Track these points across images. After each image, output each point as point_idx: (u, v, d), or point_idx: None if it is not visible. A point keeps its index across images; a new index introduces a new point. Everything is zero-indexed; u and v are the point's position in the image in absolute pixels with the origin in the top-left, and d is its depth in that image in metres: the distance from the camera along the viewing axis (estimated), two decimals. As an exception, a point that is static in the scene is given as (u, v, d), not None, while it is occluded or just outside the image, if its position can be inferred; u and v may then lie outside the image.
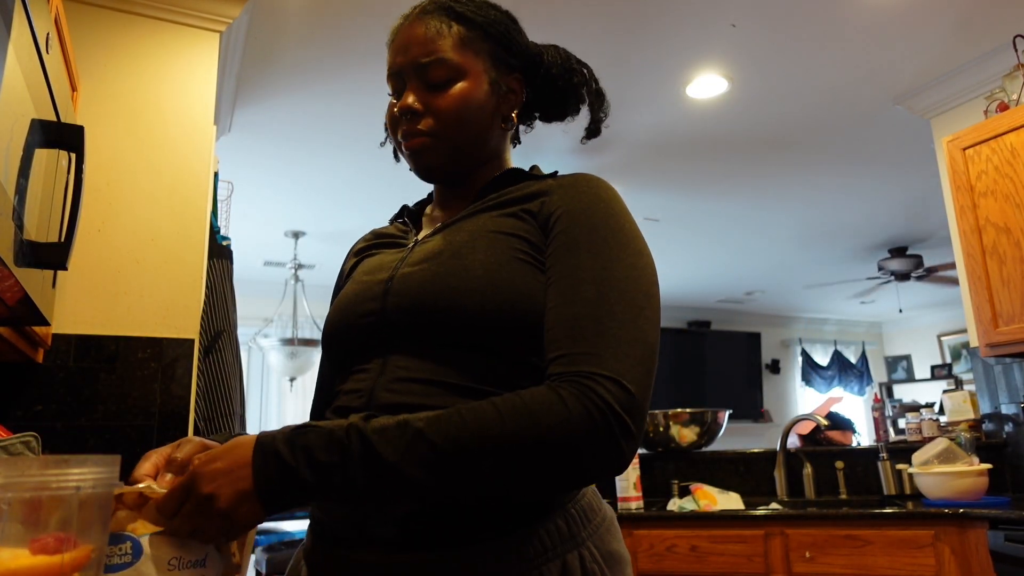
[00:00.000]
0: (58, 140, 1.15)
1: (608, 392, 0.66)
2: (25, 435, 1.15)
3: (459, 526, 0.70)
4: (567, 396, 0.65)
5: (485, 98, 0.88)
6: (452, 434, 0.64)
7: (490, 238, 0.80)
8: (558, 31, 2.73)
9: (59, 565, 0.52)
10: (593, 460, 0.65)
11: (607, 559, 0.75)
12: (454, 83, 0.85)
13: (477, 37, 0.88)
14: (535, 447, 0.64)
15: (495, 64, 0.89)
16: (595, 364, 0.67)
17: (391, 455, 0.63)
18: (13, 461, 0.52)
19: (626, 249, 0.76)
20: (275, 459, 0.64)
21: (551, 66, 0.94)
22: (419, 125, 0.86)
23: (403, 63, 0.87)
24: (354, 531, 0.73)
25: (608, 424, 0.65)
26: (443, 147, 0.86)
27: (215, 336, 2.12)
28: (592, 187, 0.82)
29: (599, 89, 0.98)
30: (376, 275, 0.85)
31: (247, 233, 4.86)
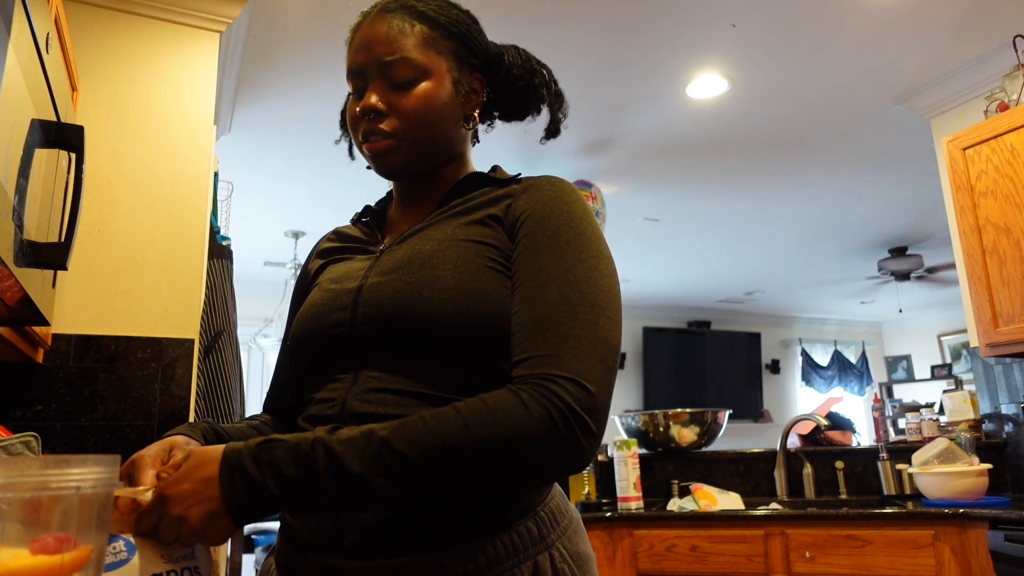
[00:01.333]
0: (58, 140, 1.15)
1: (567, 392, 0.67)
2: (25, 435, 1.15)
3: (431, 531, 0.71)
4: (527, 399, 0.66)
5: (449, 98, 0.87)
6: (417, 441, 0.65)
7: (459, 247, 0.80)
8: (558, 32, 2.74)
9: (59, 565, 0.52)
10: (555, 459, 0.66)
11: (576, 559, 0.77)
12: (418, 83, 0.85)
13: (440, 36, 0.87)
14: (498, 450, 0.65)
15: (458, 64, 0.89)
16: (555, 366, 0.68)
17: (356, 466, 0.64)
18: (13, 461, 0.52)
19: (587, 251, 0.78)
20: (241, 475, 0.65)
21: (512, 66, 0.95)
22: (382, 125, 0.85)
23: (365, 61, 0.86)
24: (325, 537, 0.74)
25: (568, 424, 0.66)
26: (406, 148, 0.86)
27: (215, 336, 2.12)
28: (555, 190, 0.83)
29: (558, 90, 0.99)
30: (344, 284, 0.85)
31: (247, 233, 4.86)
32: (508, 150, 3.77)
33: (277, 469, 0.65)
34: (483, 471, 0.65)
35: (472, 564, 0.70)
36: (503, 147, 3.73)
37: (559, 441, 0.66)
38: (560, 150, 3.83)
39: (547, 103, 0.97)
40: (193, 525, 0.64)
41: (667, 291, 7.31)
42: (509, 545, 0.72)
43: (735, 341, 8.37)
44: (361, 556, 0.71)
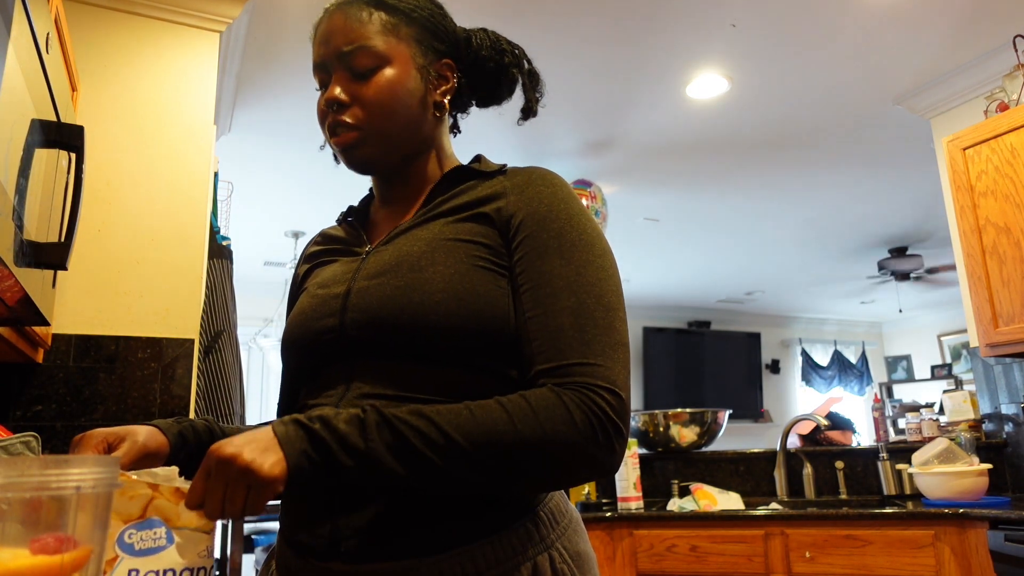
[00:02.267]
0: (58, 140, 1.15)
1: (606, 401, 0.70)
2: (25, 435, 1.15)
3: (430, 534, 0.71)
4: (571, 404, 0.69)
5: (414, 85, 0.85)
6: (463, 427, 0.67)
7: (448, 247, 0.79)
8: (559, 32, 2.74)
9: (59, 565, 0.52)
10: (593, 463, 0.69)
11: (575, 559, 0.77)
12: (379, 71, 0.83)
13: (401, 23, 0.86)
14: (541, 449, 0.67)
15: (422, 50, 0.87)
16: (590, 374, 0.71)
17: (406, 430, 0.66)
18: (13, 461, 0.52)
19: (593, 250, 0.78)
20: (295, 425, 0.66)
21: (480, 48, 0.93)
22: (345, 117, 0.84)
23: (325, 53, 0.85)
24: (324, 542, 0.73)
25: (607, 432, 0.69)
26: (373, 139, 0.84)
27: (215, 336, 2.13)
28: (548, 186, 0.82)
29: (532, 69, 0.96)
30: (332, 288, 0.84)
31: (247, 233, 4.87)
32: (509, 149, 3.77)
33: (327, 422, 0.66)
34: (524, 467, 0.67)
35: (471, 565, 0.70)
36: (504, 147, 3.73)
37: (598, 447, 0.69)
38: (560, 150, 3.83)
39: (520, 84, 0.95)
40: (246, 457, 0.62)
41: (667, 291, 7.31)
42: (508, 546, 0.72)
43: (735, 341, 8.37)
44: (359, 560, 0.71)
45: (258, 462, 0.62)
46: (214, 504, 0.63)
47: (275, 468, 0.63)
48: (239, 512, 0.63)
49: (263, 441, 0.64)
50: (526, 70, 0.96)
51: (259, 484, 0.63)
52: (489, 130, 3.52)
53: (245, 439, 0.64)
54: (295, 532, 0.77)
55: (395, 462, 0.65)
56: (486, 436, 0.66)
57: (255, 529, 5.15)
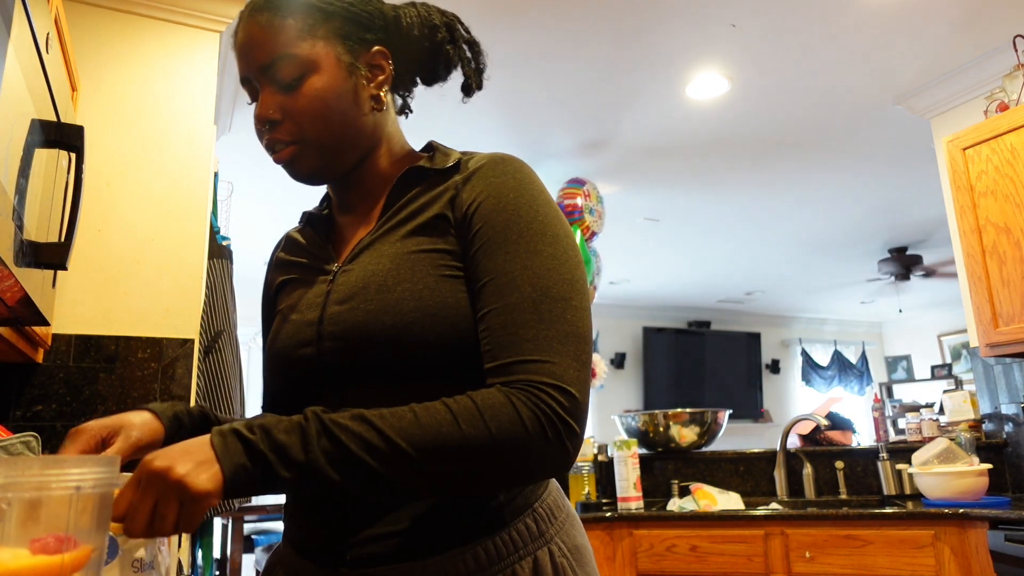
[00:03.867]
0: (58, 140, 1.15)
1: (554, 400, 0.67)
2: (25, 435, 1.15)
3: (432, 536, 0.72)
4: (517, 403, 0.67)
5: (344, 85, 0.81)
6: (406, 431, 0.64)
7: (412, 261, 0.77)
8: (559, 32, 2.73)
9: (59, 565, 0.52)
10: (541, 463, 0.67)
11: (574, 552, 0.78)
12: (305, 79, 0.79)
13: (318, 22, 0.80)
14: (487, 450, 0.65)
15: (347, 46, 0.82)
16: (535, 371, 0.68)
17: (347, 439, 0.64)
18: (13, 461, 0.52)
19: (543, 239, 0.74)
20: (233, 436, 0.63)
21: (410, 28, 0.87)
22: (280, 134, 0.81)
23: (246, 68, 0.81)
24: (330, 547, 0.74)
25: (556, 430, 0.67)
26: (312, 151, 0.81)
27: (215, 336, 2.12)
28: (500, 174, 0.78)
29: (471, 38, 0.91)
30: (304, 314, 0.82)
31: (247, 233, 4.87)
32: (507, 148, 3.77)
33: (268, 432, 0.63)
34: (471, 468, 0.65)
35: (474, 563, 0.71)
36: (502, 146, 3.73)
37: (547, 445, 0.67)
38: (560, 150, 3.83)
39: (458, 57, 0.89)
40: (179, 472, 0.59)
41: (667, 291, 7.31)
42: (509, 543, 0.73)
43: (735, 341, 8.37)
44: (365, 566, 0.72)
45: (192, 475, 0.60)
46: (139, 519, 0.59)
47: (209, 482, 0.60)
48: (169, 529, 0.60)
49: (198, 453, 0.61)
50: (463, 41, 0.90)
51: (191, 499, 0.59)
52: (487, 130, 3.52)
53: (180, 450, 0.61)
54: (301, 538, 0.78)
55: (335, 472, 0.63)
56: (430, 440, 0.64)
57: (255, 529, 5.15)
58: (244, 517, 3.95)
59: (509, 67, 2.98)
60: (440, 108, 3.22)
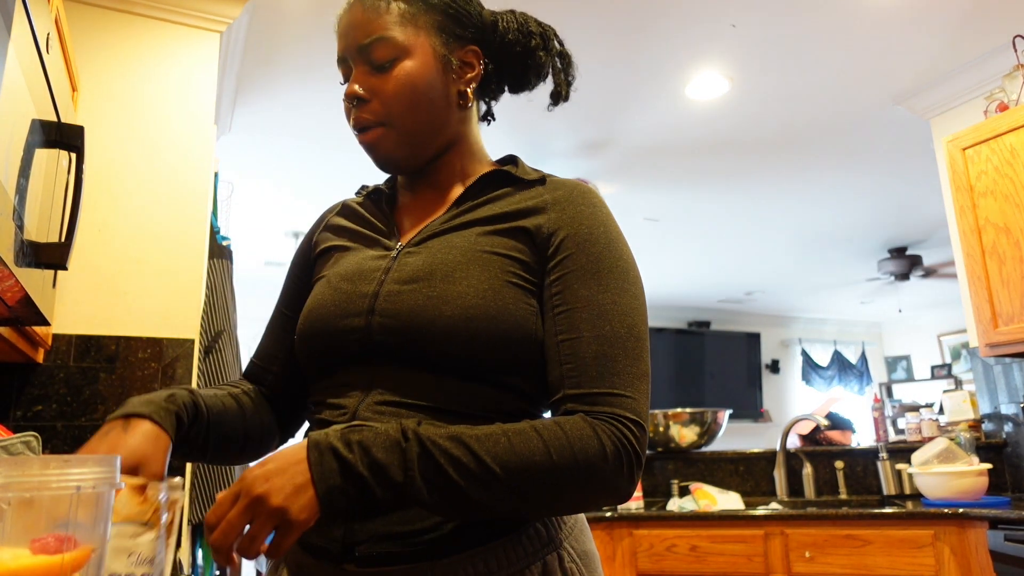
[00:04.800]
0: (58, 140, 1.15)
1: (633, 435, 0.71)
2: (25, 435, 1.15)
3: (443, 538, 0.72)
4: (603, 436, 0.69)
5: (435, 76, 0.83)
6: (501, 456, 0.66)
7: (483, 260, 0.78)
8: (559, 32, 2.73)
9: (59, 565, 0.52)
10: (612, 492, 0.71)
11: (583, 558, 0.78)
12: (398, 63, 0.81)
13: (420, 11, 0.83)
14: (573, 478, 0.68)
15: (443, 39, 0.84)
16: (619, 404, 0.72)
17: (444, 461, 0.65)
18: (13, 461, 0.53)
19: (628, 277, 0.78)
20: (332, 453, 0.64)
21: (507, 32, 0.89)
22: (366, 113, 0.82)
23: (345, 47, 0.84)
24: (338, 547, 0.73)
25: (631, 463, 0.70)
26: (396, 134, 0.82)
27: (215, 336, 2.13)
28: (590, 206, 0.81)
29: (563, 51, 0.94)
30: (358, 285, 0.81)
31: (247, 233, 4.87)
32: (510, 148, 3.77)
33: (367, 450, 0.64)
34: (556, 494, 0.68)
35: (484, 566, 0.71)
36: (503, 146, 3.73)
37: (620, 477, 0.70)
38: (560, 150, 3.83)
39: (551, 67, 0.92)
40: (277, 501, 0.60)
41: (667, 291, 7.31)
42: (519, 547, 0.73)
43: (735, 341, 8.37)
44: (374, 564, 0.72)
45: (291, 503, 0.60)
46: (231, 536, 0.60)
47: (305, 511, 0.61)
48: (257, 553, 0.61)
49: (295, 474, 0.62)
50: (556, 52, 0.93)
51: (288, 527, 0.61)
52: (489, 129, 3.52)
53: (277, 469, 0.62)
54: (308, 535, 0.77)
55: (429, 495, 0.65)
56: (522, 466, 0.66)
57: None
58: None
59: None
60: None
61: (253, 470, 0.63)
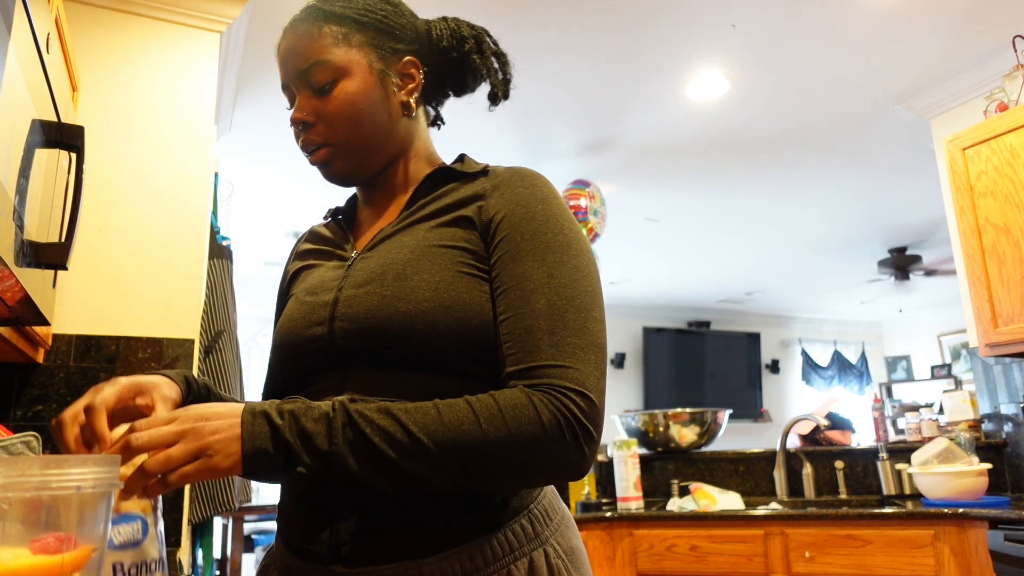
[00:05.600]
0: (58, 140, 1.15)
1: (575, 404, 0.70)
2: (25, 435, 1.15)
3: (429, 536, 0.72)
4: (539, 405, 0.69)
5: (374, 91, 0.86)
6: (429, 428, 0.67)
7: (432, 254, 0.79)
8: (559, 33, 2.74)
9: (59, 565, 0.52)
10: (558, 465, 0.70)
11: (569, 554, 0.79)
12: (338, 84, 0.84)
13: (352, 31, 0.86)
14: (507, 450, 0.68)
15: (379, 53, 0.87)
16: (558, 376, 0.71)
17: (370, 432, 0.67)
18: (13, 461, 0.53)
19: (568, 251, 0.78)
20: (263, 418, 0.67)
21: (440, 40, 0.92)
22: (313, 135, 0.85)
23: (285, 75, 0.87)
24: (323, 548, 0.74)
25: (574, 433, 0.69)
26: (344, 153, 0.86)
27: (215, 336, 2.13)
28: (528, 186, 0.82)
29: (498, 50, 0.95)
30: (319, 296, 0.84)
31: (247, 233, 4.87)
32: (509, 149, 3.77)
33: (296, 419, 0.67)
34: (489, 467, 0.68)
35: (470, 563, 0.72)
36: (504, 146, 3.73)
37: (567, 449, 0.69)
38: (561, 150, 3.83)
39: (485, 68, 0.93)
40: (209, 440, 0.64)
41: (667, 291, 7.31)
42: (505, 543, 0.74)
43: (735, 341, 8.37)
44: (361, 564, 0.73)
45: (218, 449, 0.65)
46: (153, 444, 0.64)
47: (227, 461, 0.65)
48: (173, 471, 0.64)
49: (230, 427, 0.66)
50: (491, 52, 0.94)
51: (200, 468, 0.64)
52: (489, 130, 3.52)
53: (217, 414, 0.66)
54: (295, 538, 0.78)
55: (355, 463, 0.66)
56: (451, 437, 0.67)
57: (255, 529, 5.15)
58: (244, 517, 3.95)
59: (509, 67, 2.98)
60: (443, 111, 3.22)
61: (197, 407, 0.67)
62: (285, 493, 0.82)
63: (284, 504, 0.82)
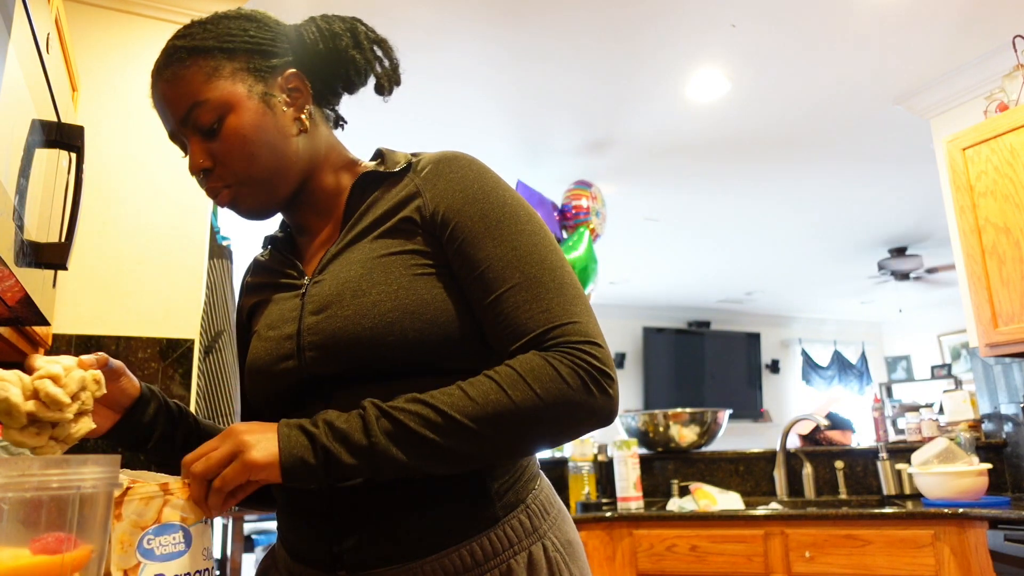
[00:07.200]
0: (58, 140, 1.15)
1: (588, 355, 0.72)
2: (25, 435, 1.15)
3: (427, 536, 0.73)
4: (556, 363, 0.71)
5: (261, 118, 0.80)
6: (458, 406, 0.69)
7: (384, 264, 0.78)
8: (559, 33, 2.74)
9: (59, 565, 0.52)
10: (591, 414, 0.72)
11: (566, 547, 0.79)
12: (224, 120, 0.79)
13: (221, 62, 0.80)
14: (539, 412, 0.70)
15: (256, 77, 0.81)
16: (563, 334, 0.73)
17: (405, 418, 0.69)
18: (13, 461, 0.53)
19: (518, 221, 0.79)
20: (298, 427, 0.70)
21: (315, 43, 0.86)
22: (214, 181, 0.81)
23: (169, 126, 0.82)
24: (325, 553, 0.75)
25: (596, 381, 0.72)
26: (248, 190, 0.81)
27: (215, 336, 2.13)
28: (457, 170, 0.81)
29: (377, 37, 0.89)
30: (281, 329, 0.82)
31: (247, 233, 4.86)
32: (508, 149, 3.77)
33: (330, 424, 0.69)
34: (525, 431, 0.70)
35: (471, 559, 0.73)
36: (503, 146, 3.73)
37: (592, 397, 0.71)
38: (560, 150, 3.83)
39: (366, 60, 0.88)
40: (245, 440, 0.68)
41: (667, 291, 7.31)
42: (504, 538, 0.75)
43: (735, 341, 8.37)
44: (363, 567, 0.73)
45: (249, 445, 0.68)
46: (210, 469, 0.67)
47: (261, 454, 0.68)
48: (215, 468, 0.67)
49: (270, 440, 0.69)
50: (368, 42, 0.88)
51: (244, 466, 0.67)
52: (489, 130, 3.52)
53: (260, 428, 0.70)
54: (297, 545, 0.79)
55: (399, 451, 0.68)
56: (482, 409, 0.69)
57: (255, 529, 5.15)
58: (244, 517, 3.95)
59: (509, 68, 2.98)
60: (442, 112, 3.22)
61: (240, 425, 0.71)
62: (282, 500, 0.82)
63: (281, 511, 0.82)
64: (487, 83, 3.09)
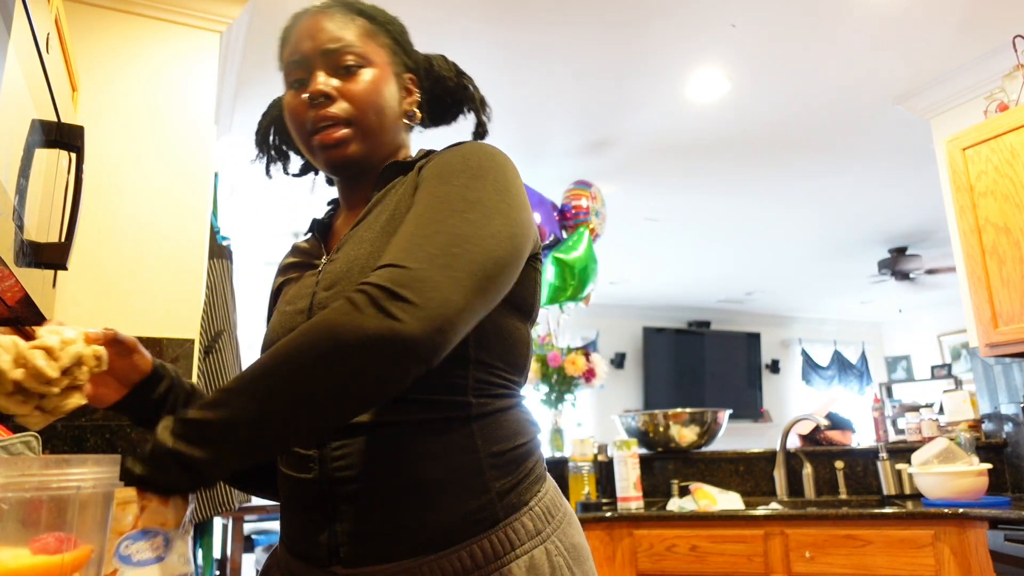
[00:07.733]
0: (58, 140, 1.15)
1: (374, 276, 0.65)
2: (25, 435, 1.15)
3: (428, 535, 0.72)
4: (351, 296, 0.65)
5: (392, 88, 0.88)
6: (244, 373, 0.67)
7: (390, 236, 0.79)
8: (559, 33, 2.73)
9: (59, 565, 0.52)
10: (361, 337, 0.62)
11: (571, 551, 0.78)
12: (363, 68, 0.85)
13: (378, 31, 0.89)
14: (302, 352, 0.64)
15: (394, 60, 0.91)
16: (373, 274, 0.67)
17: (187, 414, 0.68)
18: (13, 461, 0.53)
19: (462, 175, 0.76)
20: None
21: (442, 71, 0.98)
22: (332, 110, 0.83)
23: (309, 50, 0.85)
24: (323, 549, 0.75)
25: (366, 296, 0.64)
26: (360, 136, 0.85)
27: (215, 336, 2.12)
28: (450, 150, 0.82)
29: (483, 97, 1.02)
30: (296, 304, 0.85)
31: (247, 233, 4.86)
32: (509, 149, 3.77)
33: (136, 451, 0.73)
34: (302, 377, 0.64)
35: (470, 560, 0.72)
36: (504, 147, 3.72)
37: (359, 315, 0.63)
38: (561, 150, 3.83)
39: (474, 108, 1.00)
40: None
41: (667, 291, 7.31)
42: (505, 541, 0.74)
43: (735, 341, 8.37)
44: (360, 564, 0.73)
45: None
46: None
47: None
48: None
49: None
50: (480, 97, 1.01)
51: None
52: (490, 130, 3.51)
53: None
54: (294, 540, 0.79)
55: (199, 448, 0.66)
56: (258, 369, 0.66)
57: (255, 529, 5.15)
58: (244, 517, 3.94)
59: (509, 68, 2.98)
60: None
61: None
62: (283, 496, 0.82)
63: (283, 506, 0.83)
64: (487, 83, 3.07)
